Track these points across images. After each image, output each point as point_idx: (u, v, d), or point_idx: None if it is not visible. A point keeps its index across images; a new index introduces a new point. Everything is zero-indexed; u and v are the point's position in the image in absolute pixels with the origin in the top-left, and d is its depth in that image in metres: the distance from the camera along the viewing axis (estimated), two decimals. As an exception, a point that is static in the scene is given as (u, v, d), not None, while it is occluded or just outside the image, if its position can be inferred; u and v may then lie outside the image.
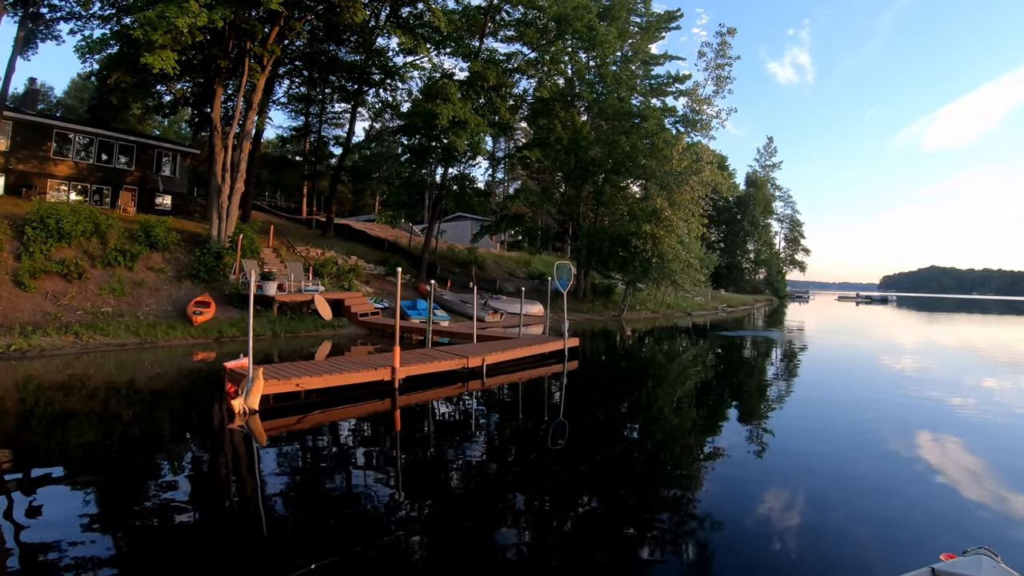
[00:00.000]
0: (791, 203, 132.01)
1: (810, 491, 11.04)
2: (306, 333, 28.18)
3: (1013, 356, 38.15)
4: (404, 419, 14.55)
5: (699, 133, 50.81)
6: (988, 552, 6.40)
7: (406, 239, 54.36)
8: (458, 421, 15.11)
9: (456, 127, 38.30)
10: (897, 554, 8.50)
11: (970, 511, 10.34)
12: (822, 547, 8.76)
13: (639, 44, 53.52)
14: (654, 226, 44.12)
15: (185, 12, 24.46)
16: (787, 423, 17.00)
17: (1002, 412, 19.53)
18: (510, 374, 20.36)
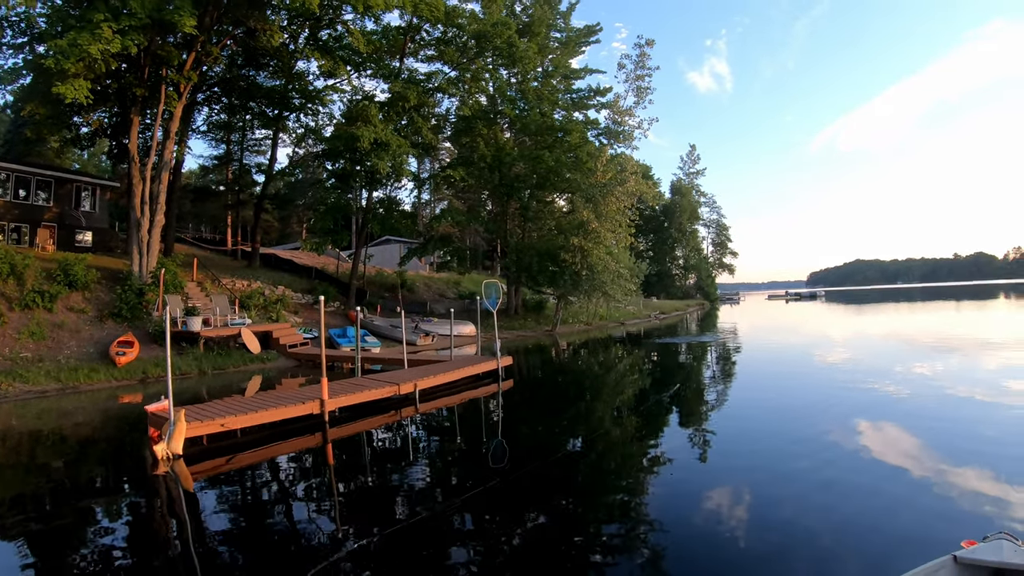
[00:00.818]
0: (716, 208, 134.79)
1: (756, 488, 11.24)
2: (234, 368, 27.39)
3: (939, 340, 39.07)
4: (337, 452, 14.10)
5: (622, 144, 51.08)
6: (1008, 536, 6.41)
7: (334, 266, 53.49)
8: (393, 450, 14.75)
9: (378, 149, 37.87)
10: (851, 540, 8.77)
11: (917, 491, 10.74)
12: (773, 543, 8.82)
13: (560, 59, 53.88)
14: (582, 239, 44.29)
15: (98, 39, 23.95)
16: (728, 423, 17.22)
17: (935, 394, 20.15)
18: (444, 398, 20.00)
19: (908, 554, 7.98)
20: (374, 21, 42.24)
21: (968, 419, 16.50)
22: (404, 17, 43.42)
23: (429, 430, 16.81)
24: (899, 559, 7.79)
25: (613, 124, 50.59)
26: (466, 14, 44.79)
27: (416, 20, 43.19)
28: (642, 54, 49.14)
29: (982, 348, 32.75)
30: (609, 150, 48.90)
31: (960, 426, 15.63)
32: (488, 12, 45.87)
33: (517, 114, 49.98)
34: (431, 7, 39.15)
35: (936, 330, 47.32)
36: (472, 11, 46.07)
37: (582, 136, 49.59)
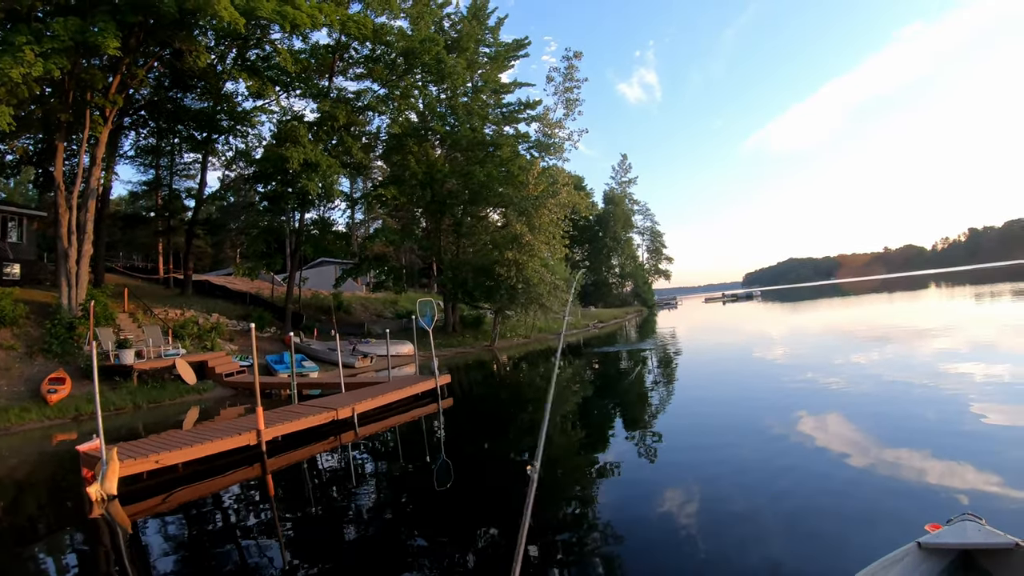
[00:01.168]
0: (650, 215, 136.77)
1: (709, 485, 11.60)
2: (170, 401, 26.65)
3: (873, 330, 40.15)
4: (277, 483, 13.85)
5: (553, 156, 51.36)
6: (972, 517, 6.47)
7: (269, 290, 52.87)
8: (335, 477, 14.56)
9: (308, 170, 37.55)
10: (807, 529, 9.15)
11: (867, 477, 11.18)
12: (730, 539, 9.06)
13: (489, 74, 53.96)
14: (516, 252, 44.39)
15: (20, 62, 23.37)
16: (674, 424, 17.52)
17: (874, 382, 20.93)
18: (384, 420, 19.84)
19: (863, 537, 8.54)
20: (302, 40, 42.10)
21: (908, 404, 17.17)
22: (333, 35, 43.26)
23: (370, 454, 16.62)
24: (855, 545, 8.31)
25: (544, 137, 50.81)
26: (394, 31, 44.57)
27: (344, 38, 42.91)
28: (570, 66, 49.58)
29: (916, 336, 33.65)
30: (540, 163, 49.11)
31: (901, 411, 16.38)
32: (416, 29, 45.89)
33: (448, 130, 49.82)
34: (359, 25, 39.06)
35: (871, 321, 48.64)
36: (400, 28, 45.94)
37: (513, 150, 49.78)
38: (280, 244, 49.30)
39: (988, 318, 41.75)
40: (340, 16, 37.95)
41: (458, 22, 52.09)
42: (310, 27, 35.20)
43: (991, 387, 18.36)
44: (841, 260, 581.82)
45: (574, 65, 49.54)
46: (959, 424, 14.23)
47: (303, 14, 32.83)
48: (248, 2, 30.36)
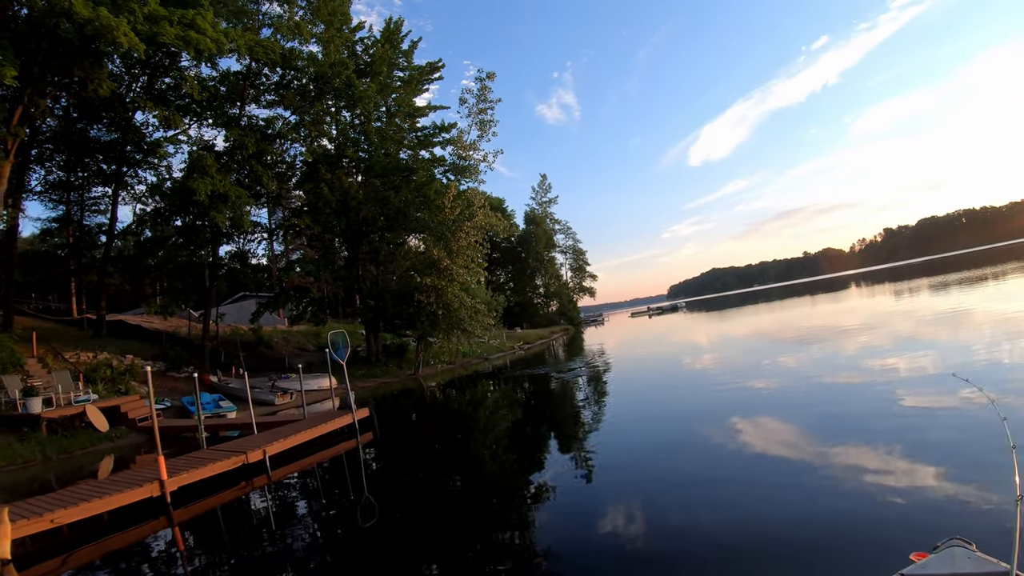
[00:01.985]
0: (572, 234, 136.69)
1: (646, 499, 11.78)
2: (82, 450, 25.18)
3: (799, 332, 40.93)
4: (186, 536, 13.10)
5: (468, 179, 51.07)
6: (961, 542, 6.09)
7: (186, 328, 50.96)
8: (249, 525, 13.71)
9: (216, 202, 36.68)
10: (749, 534, 9.42)
11: (804, 475, 11.72)
12: (671, 551, 9.28)
13: (403, 98, 53.34)
14: (435, 278, 43.98)
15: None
16: (608, 441, 17.56)
17: (803, 382, 21.91)
18: (300, 460, 19.04)
19: (811, 538, 8.91)
20: (211, 67, 41.32)
21: (837, 401, 18.08)
22: (243, 62, 42.42)
23: (287, 498, 15.84)
24: (803, 547, 8.66)
25: (459, 160, 50.62)
26: (304, 56, 43.97)
27: (255, 65, 42.22)
28: (483, 87, 49.29)
29: (839, 335, 34.68)
30: (457, 186, 48.86)
31: (831, 408, 17.19)
32: (327, 53, 45.13)
33: (362, 156, 49.49)
34: (267, 50, 38.38)
35: (796, 324, 50.10)
36: (311, 52, 45.25)
37: (429, 174, 49.52)
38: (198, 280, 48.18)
39: (907, 312, 43.18)
40: (248, 41, 37.13)
41: (371, 46, 51.46)
42: (215, 52, 34.38)
43: (914, 377, 19.46)
44: (762, 267, 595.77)
45: (487, 86, 49.34)
46: (887, 414, 15.11)
47: (207, 39, 32.12)
48: (150, 27, 29.69)
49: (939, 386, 17.33)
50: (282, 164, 49.39)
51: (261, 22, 43.64)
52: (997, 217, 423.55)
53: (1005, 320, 28.98)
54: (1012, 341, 22.64)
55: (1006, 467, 8.47)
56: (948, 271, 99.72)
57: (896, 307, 50.47)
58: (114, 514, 13.76)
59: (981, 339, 24.51)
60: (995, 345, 22.51)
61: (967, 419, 13.85)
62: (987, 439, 11.74)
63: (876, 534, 8.69)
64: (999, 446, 10.08)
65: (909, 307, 47.98)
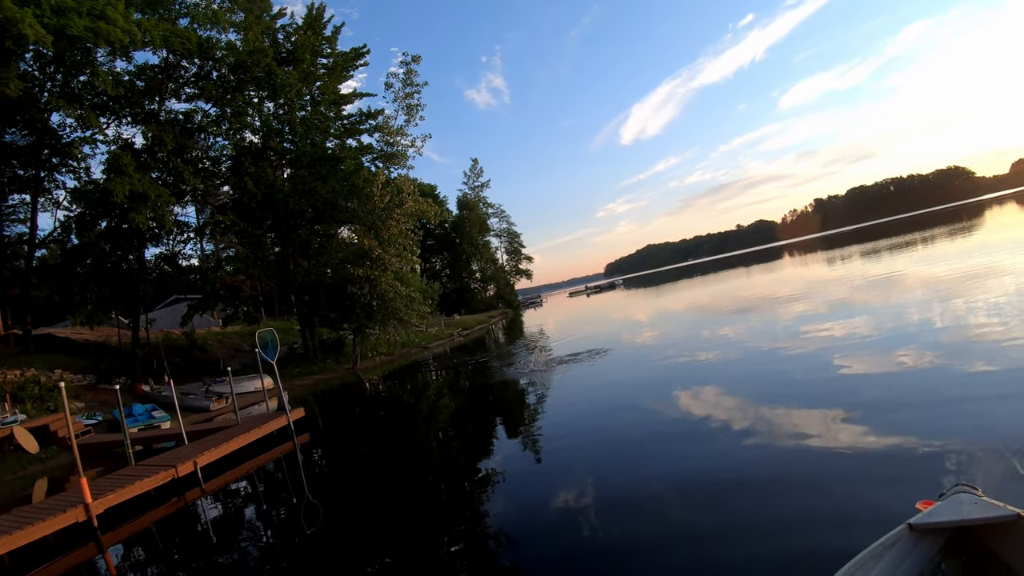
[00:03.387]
0: (506, 217, 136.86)
1: (597, 478, 11.86)
2: (12, 475, 23.87)
3: (735, 303, 41.44)
4: (117, 562, 12.24)
5: (397, 166, 50.29)
6: (967, 487, 6.09)
7: (116, 337, 49.45)
8: (186, 542, 13.04)
9: (136, 202, 35.43)
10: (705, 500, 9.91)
11: (748, 437, 12.36)
12: (628, 531, 9.31)
13: (328, 85, 51.96)
14: (368, 268, 43.45)
15: None
16: (554, 422, 17.55)
17: (742, 352, 22.47)
18: (235, 469, 18.25)
19: (772, 503, 9.24)
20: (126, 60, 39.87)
21: (777, 367, 18.52)
22: (160, 54, 40.89)
23: (224, 509, 15.06)
24: (764, 510, 9.03)
25: (386, 146, 49.84)
26: (222, 45, 42.63)
27: (173, 57, 40.74)
28: (409, 71, 48.33)
29: (775, 304, 35.31)
30: (385, 173, 48.16)
31: (772, 375, 17.66)
32: (246, 41, 43.84)
33: (286, 147, 48.33)
34: (183, 40, 36.89)
35: (732, 295, 50.87)
36: (229, 41, 43.76)
37: (356, 163, 48.84)
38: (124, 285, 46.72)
39: (839, 279, 44.23)
40: (163, 31, 35.65)
41: (293, 33, 49.81)
42: (129, 44, 33.13)
43: (850, 340, 20.20)
44: (696, 241, 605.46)
45: (413, 70, 48.38)
46: (827, 382, 15.46)
47: (118, 30, 30.91)
48: (58, 20, 28.61)
49: (875, 349, 17.93)
50: (206, 160, 48.00)
51: (178, 12, 42.06)
52: (924, 184, 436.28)
53: (935, 282, 29.80)
54: (943, 303, 23.31)
55: (956, 416, 10.46)
56: (878, 238, 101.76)
57: (829, 274, 51.70)
58: (41, 544, 12.93)
59: (913, 301, 25.33)
60: (926, 306, 23.35)
61: (907, 378, 14.31)
62: (927, 392, 12.82)
63: (847, 495, 8.90)
64: (941, 399, 12.13)
65: (841, 274, 49.05)
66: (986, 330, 17.27)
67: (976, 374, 13.39)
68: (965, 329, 18.06)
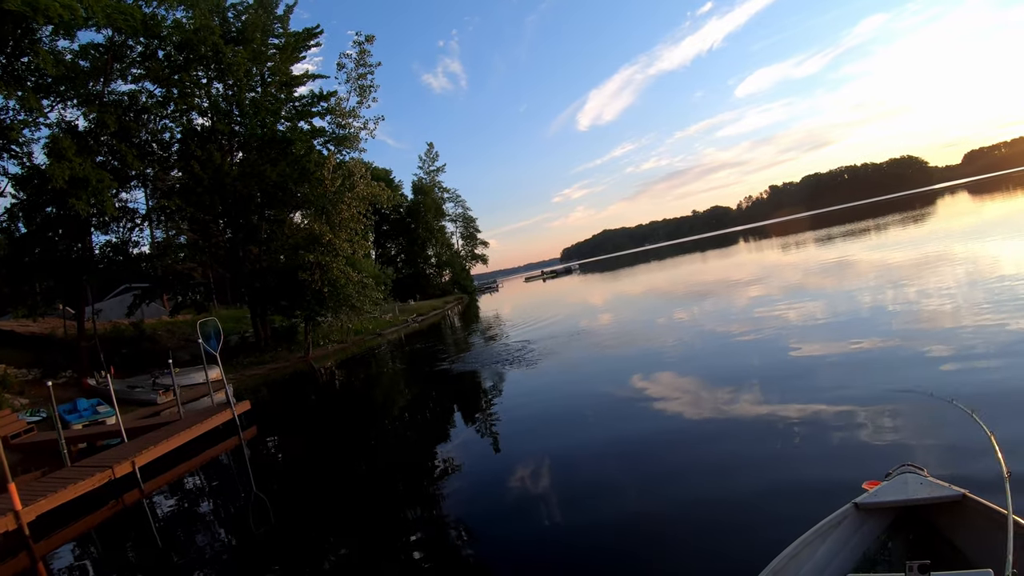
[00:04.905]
0: (461, 202, 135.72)
1: (553, 461, 12.19)
2: None
3: (689, 288, 41.85)
4: (52, 572, 11.50)
5: (349, 148, 49.40)
6: (913, 467, 6.28)
7: (62, 329, 48.34)
8: (125, 549, 12.35)
9: (76, 187, 34.10)
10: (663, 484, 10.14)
11: (705, 423, 12.45)
12: (586, 511, 9.53)
13: (279, 66, 50.04)
14: (318, 254, 42.76)
15: None
16: (509, 407, 17.89)
17: (698, 337, 22.81)
18: (177, 467, 17.48)
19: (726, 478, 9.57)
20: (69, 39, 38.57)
21: (733, 352, 18.82)
22: (105, 32, 39.25)
23: (165, 511, 14.34)
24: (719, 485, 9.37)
25: (338, 128, 49.00)
26: (168, 23, 41.47)
27: (118, 36, 39.48)
28: (362, 51, 47.25)
29: (729, 288, 35.86)
30: (336, 157, 47.35)
31: (728, 360, 17.95)
32: (193, 18, 42.56)
33: (235, 129, 47.33)
34: (126, 16, 35.60)
35: (687, 280, 51.32)
36: (176, 19, 42.53)
37: (307, 146, 47.78)
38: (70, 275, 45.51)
39: (793, 264, 45.19)
40: (105, 7, 34.10)
41: (243, 12, 48.33)
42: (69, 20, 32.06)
43: (804, 324, 20.70)
44: (652, 226, 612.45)
45: (366, 50, 47.36)
46: (780, 367, 15.70)
47: (57, 5, 29.73)
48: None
49: (826, 332, 18.51)
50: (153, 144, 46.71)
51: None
52: (878, 173, 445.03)
53: (886, 268, 30.66)
54: (896, 288, 23.87)
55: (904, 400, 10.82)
56: (832, 224, 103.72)
57: (783, 259, 52.92)
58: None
59: (865, 286, 26.00)
60: (878, 291, 23.98)
61: (860, 362, 14.62)
62: (874, 375, 13.16)
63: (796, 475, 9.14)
64: (889, 380, 12.36)
65: (796, 259, 50.31)
66: (937, 314, 17.66)
67: (925, 357, 13.70)
68: (915, 314, 18.49)
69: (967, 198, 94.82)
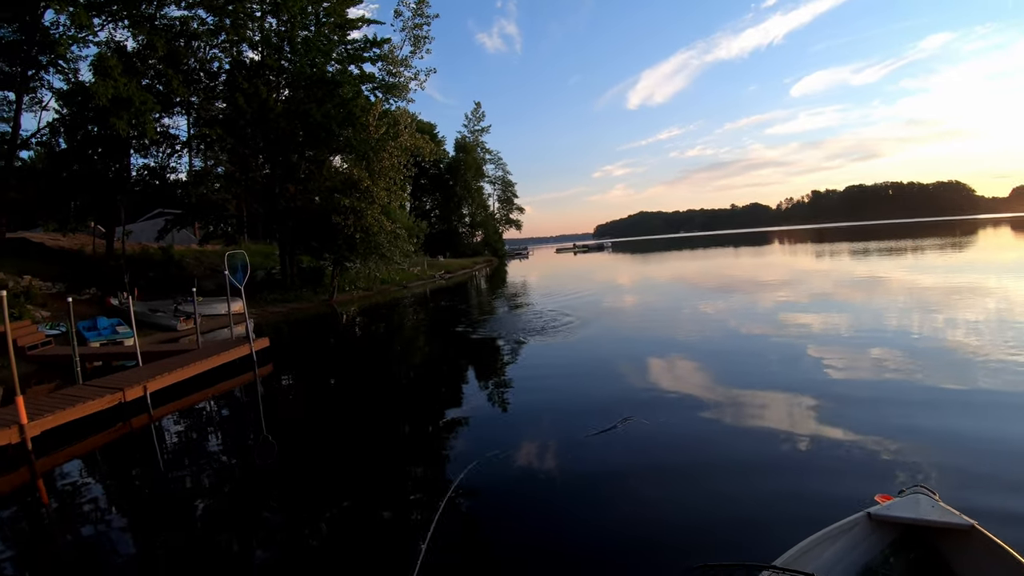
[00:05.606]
0: (502, 165, 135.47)
1: (561, 428, 12.33)
2: None
3: (720, 281, 41.26)
4: (51, 489, 11.19)
5: (397, 97, 49.01)
6: (925, 490, 6.39)
7: (91, 246, 48.19)
8: (127, 473, 12.09)
9: (118, 107, 33.92)
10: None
11: (719, 415, 12.34)
12: (580, 476, 9.78)
13: (335, 7, 49.48)
14: (354, 199, 42.52)
15: None
16: (524, 373, 17.73)
17: (720, 330, 22.85)
18: (188, 396, 17.20)
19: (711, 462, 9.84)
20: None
21: (752, 350, 18.63)
22: None
23: (171, 440, 14.08)
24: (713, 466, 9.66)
25: (388, 76, 48.50)
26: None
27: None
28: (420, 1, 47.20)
29: (758, 288, 35.23)
30: (383, 104, 46.91)
31: (746, 357, 17.76)
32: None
33: (284, 65, 46.86)
34: None
35: (718, 273, 50.69)
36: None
37: (355, 90, 47.00)
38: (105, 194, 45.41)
39: (825, 272, 44.67)
40: None
41: None
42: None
43: (826, 334, 20.44)
44: (690, 214, 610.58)
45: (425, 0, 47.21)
46: (800, 372, 15.42)
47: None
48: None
49: (849, 345, 18.08)
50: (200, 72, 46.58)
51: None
52: (923, 194, 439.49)
53: (918, 290, 29.82)
54: (924, 312, 23.30)
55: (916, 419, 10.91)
56: (869, 239, 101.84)
57: (816, 266, 52.01)
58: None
59: (893, 306, 25.53)
60: (905, 314, 23.30)
61: (875, 377, 14.51)
62: (893, 393, 13.00)
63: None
64: (905, 401, 12.28)
65: (828, 267, 49.61)
66: (961, 345, 17.20)
67: (945, 387, 13.32)
68: (940, 341, 18.01)
69: (1010, 233, 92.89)
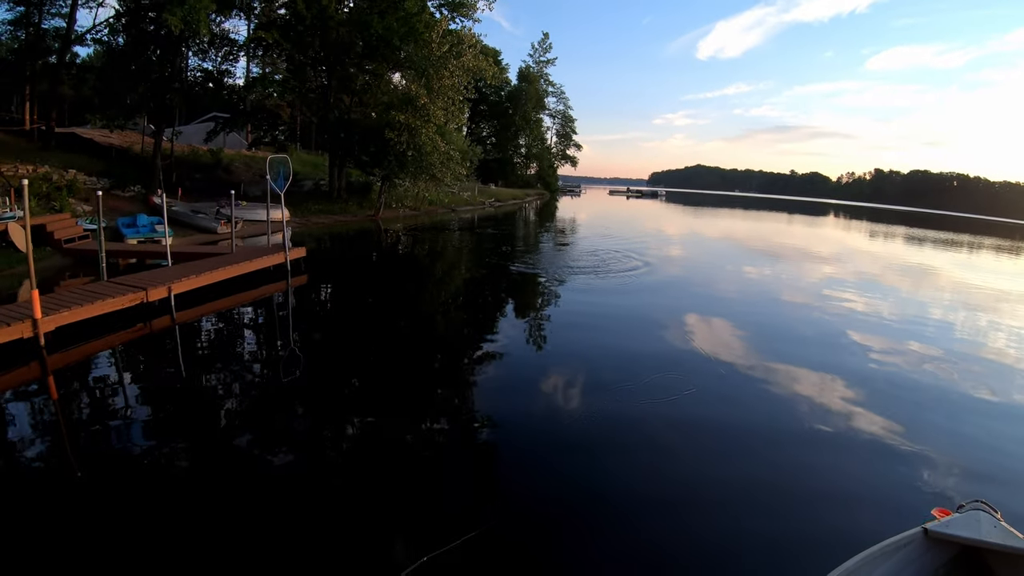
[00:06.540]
0: (564, 99, 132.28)
1: (591, 371, 12.25)
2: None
3: (769, 245, 40.52)
4: (61, 387, 10.64)
5: (463, 16, 47.75)
6: (986, 507, 5.95)
7: (139, 145, 47.41)
8: (141, 375, 11.60)
9: (172, 2, 32.80)
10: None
11: (745, 382, 12.20)
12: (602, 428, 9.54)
13: None
14: (410, 116, 41.24)
15: None
16: (561, 313, 17.71)
17: (761, 295, 22.98)
18: (215, 302, 16.63)
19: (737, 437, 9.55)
20: None
21: (790, 319, 18.97)
22: None
23: (192, 345, 13.54)
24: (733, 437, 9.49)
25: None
26: None
27: None
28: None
29: (807, 259, 35.78)
30: (449, 22, 45.75)
31: (781, 326, 17.96)
32: None
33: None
34: None
35: (768, 238, 50.78)
36: None
37: (421, 4, 45.31)
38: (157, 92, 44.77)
39: (877, 255, 43.98)
40: None
41: None
42: None
43: (866, 315, 20.35)
44: (747, 174, 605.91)
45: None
46: (833, 347, 15.48)
47: None
48: None
49: (888, 333, 17.74)
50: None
51: None
52: (988, 191, 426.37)
53: (966, 289, 29.56)
54: (969, 310, 23.31)
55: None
56: (928, 227, 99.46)
57: (868, 247, 51.22)
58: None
59: (939, 299, 25.35)
60: (951, 310, 23.16)
61: (922, 373, 14.04)
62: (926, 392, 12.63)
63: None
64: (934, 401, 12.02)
65: (880, 250, 48.81)
66: (1003, 354, 16.81)
67: (992, 398, 12.77)
68: (985, 347, 17.48)
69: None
